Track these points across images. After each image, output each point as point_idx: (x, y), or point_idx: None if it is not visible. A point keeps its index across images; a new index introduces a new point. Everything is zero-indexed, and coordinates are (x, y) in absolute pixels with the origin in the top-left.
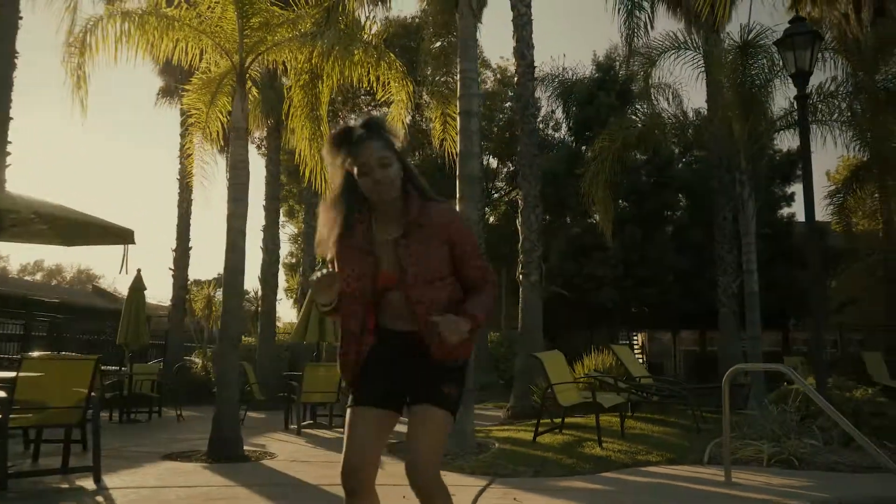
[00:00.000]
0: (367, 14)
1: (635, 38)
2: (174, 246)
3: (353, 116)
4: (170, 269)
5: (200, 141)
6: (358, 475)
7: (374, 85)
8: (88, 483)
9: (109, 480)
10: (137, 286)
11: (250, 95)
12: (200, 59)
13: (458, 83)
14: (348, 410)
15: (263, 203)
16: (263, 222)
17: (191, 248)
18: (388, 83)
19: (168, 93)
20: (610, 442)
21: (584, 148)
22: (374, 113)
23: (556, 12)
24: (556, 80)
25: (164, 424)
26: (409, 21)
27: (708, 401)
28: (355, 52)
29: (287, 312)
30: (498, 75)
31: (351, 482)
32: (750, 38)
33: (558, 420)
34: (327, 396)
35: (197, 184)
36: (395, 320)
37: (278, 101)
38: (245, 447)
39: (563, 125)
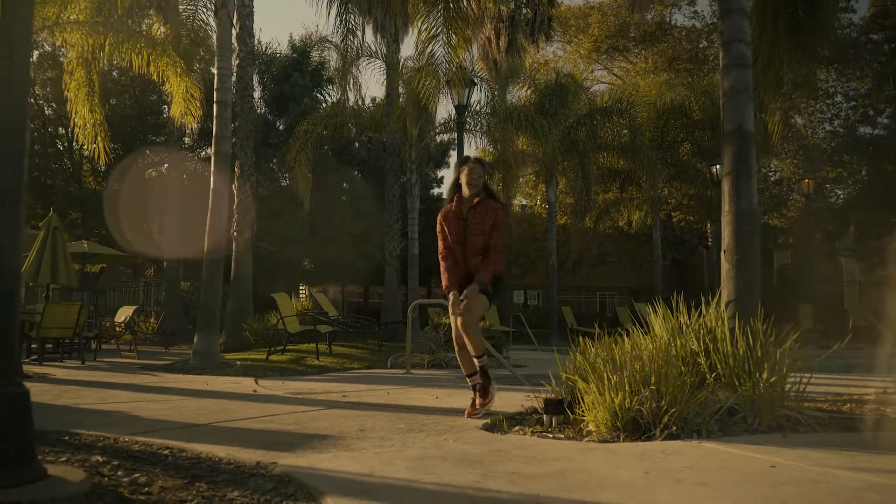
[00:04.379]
0: None
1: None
2: None
3: None
4: None
5: None
6: (459, 339)
7: (156, 76)
8: None
9: None
10: None
11: None
12: None
13: (216, 78)
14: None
15: None
16: None
17: None
18: (168, 77)
19: None
20: (324, 356)
21: (278, 122)
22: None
23: None
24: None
25: None
26: None
27: (380, 335)
28: (139, 45)
29: None
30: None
31: (459, 340)
32: (424, 63)
33: (280, 347)
34: (64, 332)
35: None
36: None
37: None
38: None
39: (257, 94)
